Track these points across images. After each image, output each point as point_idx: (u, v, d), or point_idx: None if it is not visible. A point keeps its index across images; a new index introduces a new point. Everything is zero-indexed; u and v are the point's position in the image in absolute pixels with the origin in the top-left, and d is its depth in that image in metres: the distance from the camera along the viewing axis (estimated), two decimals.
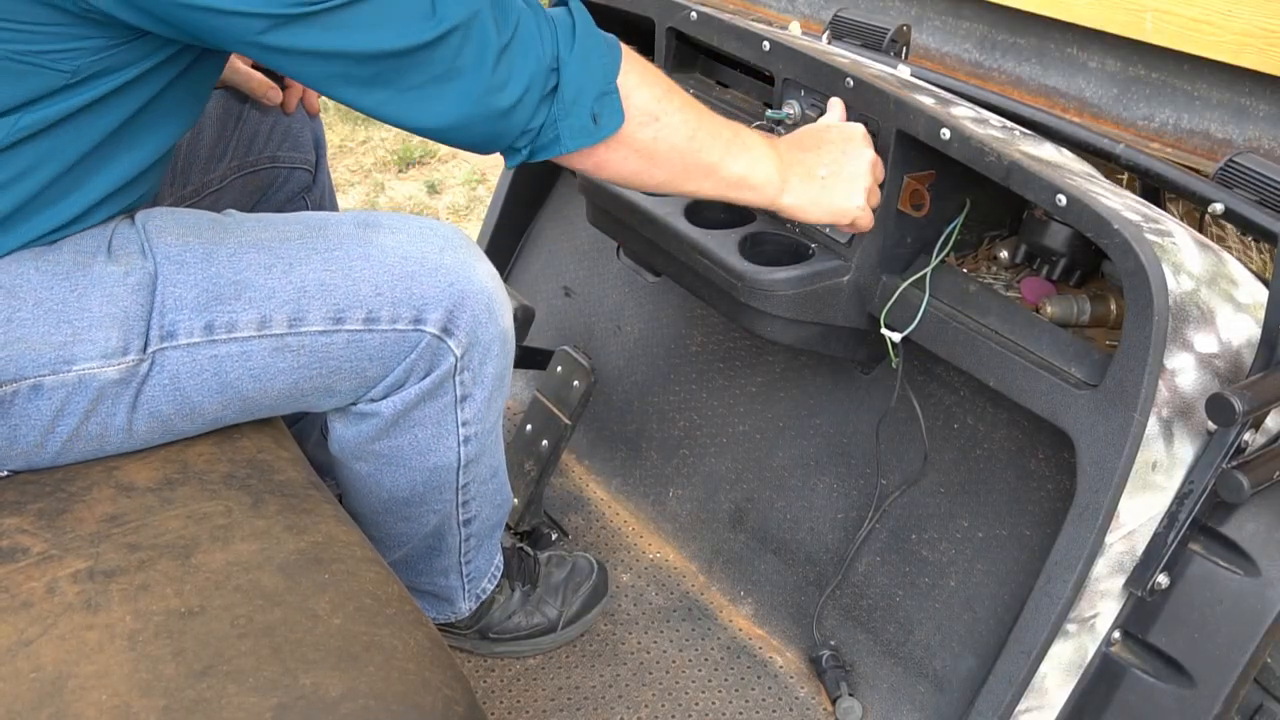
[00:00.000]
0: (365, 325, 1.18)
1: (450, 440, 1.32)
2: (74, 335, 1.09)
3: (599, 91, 1.14)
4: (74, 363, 1.09)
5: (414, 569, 1.49)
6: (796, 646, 1.68)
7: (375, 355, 1.20)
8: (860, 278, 1.51)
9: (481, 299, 1.23)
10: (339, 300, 1.17)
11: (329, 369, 1.20)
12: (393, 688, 0.94)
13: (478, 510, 1.44)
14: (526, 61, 1.09)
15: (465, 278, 1.22)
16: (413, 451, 1.31)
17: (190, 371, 1.14)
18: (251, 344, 1.15)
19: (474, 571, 1.52)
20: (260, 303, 1.15)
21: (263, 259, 1.16)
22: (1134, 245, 1.23)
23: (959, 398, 1.60)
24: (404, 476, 1.34)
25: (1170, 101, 2.40)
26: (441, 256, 1.21)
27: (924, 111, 1.40)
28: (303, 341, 1.17)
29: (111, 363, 1.10)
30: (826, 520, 1.72)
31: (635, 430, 1.97)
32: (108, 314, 1.10)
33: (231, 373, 1.16)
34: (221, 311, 1.14)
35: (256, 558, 1.04)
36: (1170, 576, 1.33)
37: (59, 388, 1.09)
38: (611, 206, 1.68)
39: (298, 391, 1.21)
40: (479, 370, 1.28)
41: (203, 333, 1.13)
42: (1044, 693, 1.37)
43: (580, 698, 1.59)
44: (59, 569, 1.01)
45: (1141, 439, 1.26)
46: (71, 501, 1.09)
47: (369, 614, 1.00)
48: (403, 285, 1.19)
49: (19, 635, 0.94)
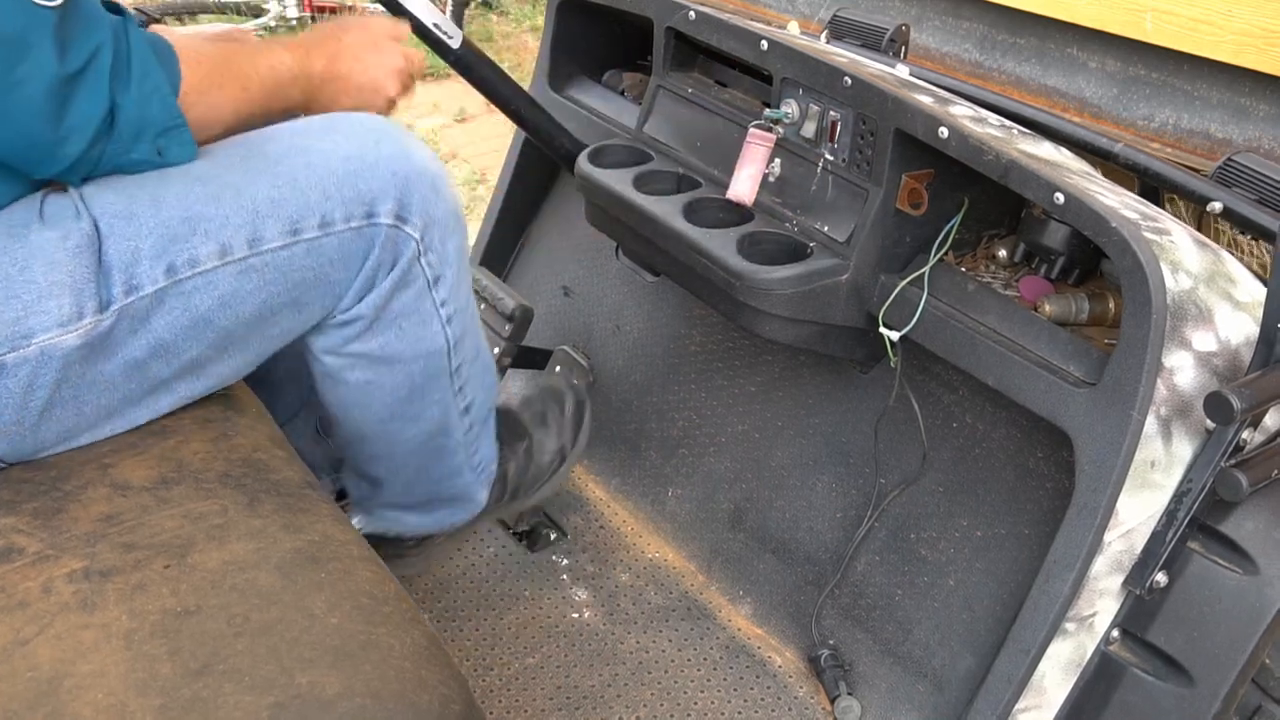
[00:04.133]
0: (321, 230, 1.20)
1: (435, 324, 1.35)
2: (25, 309, 1.08)
3: (161, 128, 1.13)
4: (32, 336, 1.08)
5: (429, 477, 1.51)
6: (795, 646, 1.68)
7: (336, 258, 1.23)
8: (858, 276, 1.51)
9: (426, 179, 1.27)
10: (291, 212, 1.19)
11: (294, 281, 1.21)
12: (389, 686, 0.93)
13: (473, 395, 1.47)
14: (83, 99, 1.05)
15: (406, 164, 1.25)
16: (402, 344, 1.34)
17: (160, 315, 1.14)
18: (216, 274, 1.16)
19: (481, 461, 1.56)
20: (216, 232, 1.16)
21: (210, 190, 1.17)
22: (1132, 243, 1.23)
23: (958, 396, 1.60)
24: (401, 372, 1.36)
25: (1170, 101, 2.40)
26: (380, 149, 1.24)
27: (922, 110, 1.40)
28: (265, 260, 1.18)
29: (70, 330, 1.10)
30: (825, 520, 1.71)
31: (634, 430, 1.97)
32: (54, 281, 1.09)
33: (201, 306, 1.16)
34: (180, 251, 1.14)
35: (253, 557, 1.03)
36: (1169, 575, 1.33)
37: (22, 364, 1.09)
38: (610, 206, 1.68)
39: (268, 311, 1.22)
40: (442, 249, 1.31)
41: (166, 276, 1.14)
42: (1043, 691, 1.36)
43: (579, 697, 1.59)
44: (55, 569, 1.00)
45: (1140, 437, 1.26)
46: (67, 501, 1.09)
47: (365, 613, 1.00)
48: (349, 184, 1.21)
49: (15, 635, 0.93)
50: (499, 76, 1.71)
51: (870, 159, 1.48)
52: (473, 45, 1.65)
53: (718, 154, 1.70)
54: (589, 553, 1.84)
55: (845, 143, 1.51)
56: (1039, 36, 2.64)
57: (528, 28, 5.49)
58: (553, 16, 2.01)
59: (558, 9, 2.00)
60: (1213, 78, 2.30)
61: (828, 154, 1.54)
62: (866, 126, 1.48)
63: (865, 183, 1.49)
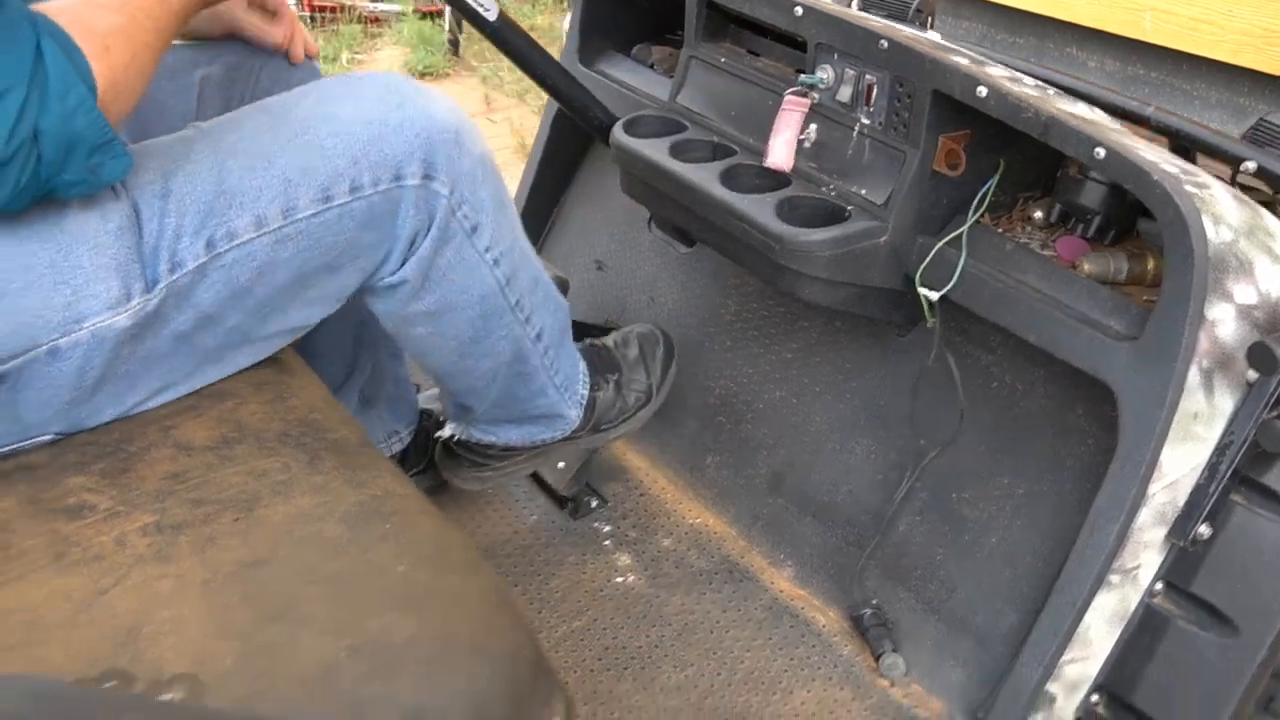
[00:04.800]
0: (351, 195, 1.22)
1: (482, 270, 1.38)
2: (75, 294, 1.10)
3: (92, 146, 1.05)
4: (83, 320, 1.10)
5: (515, 399, 1.58)
6: (838, 606, 1.70)
7: (367, 220, 1.25)
8: (896, 238, 1.52)
9: (448, 135, 1.28)
10: (322, 180, 1.21)
11: (327, 246, 1.24)
12: (459, 630, 0.95)
13: (540, 321, 1.51)
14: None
15: (428, 123, 1.26)
16: (455, 294, 1.37)
17: (204, 288, 1.17)
18: (253, 244, 1.18)
19: (565, 380, 1.61)
20: (250, 204, 1.18)
21: (240, 162, 1.19)
22: (1174, 196, 1.24)
23: (995, 357, 1.61)
24: (460, 319, 1.40)
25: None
26: (402, 111, 1.25)
27: (960, 70, 1.41)
28: (299, 228, 1.21)
29: (120, 311, 1.12)
30: (865, 482, 1.73)
31: (671, 399, 1.98)
32: (100, 264, 1.11)
33: (241, 277, 1.19)
34: (218, 225, 1.16)
35: (318, 510, 1.06)
36: (1212, 527, 1.34)
37: (75, 347, 1.11)
38: (646, 175, 1.70)
39: (304, 277, 1.24)
40: (475, 199, 1.33)
41: (206, 250, 1.16)
42: (1089, 643, 1.38)
43: (627, 657, 1.61)
44: (127, 524, 1.03)
45: (1183, 389, 1.27)
46: (133, 461, 1.11)
47: (432, 562, 1.02)
48: (375, 149, 1.23)
49: (94, 585, 0.96)
50: (535, 49, 1.73)
51: (907, 121, 1.49)
52: (509, 18, 1.67)
53: (752, 122, 1.71)
54: (630, 519, 1.86)
55: (881, 106, 1.52)
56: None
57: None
58: None
59: None
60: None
61: (864, 118, 1.55)
62: (904, 89, 1.49)
63: (902, 145, 1.51)
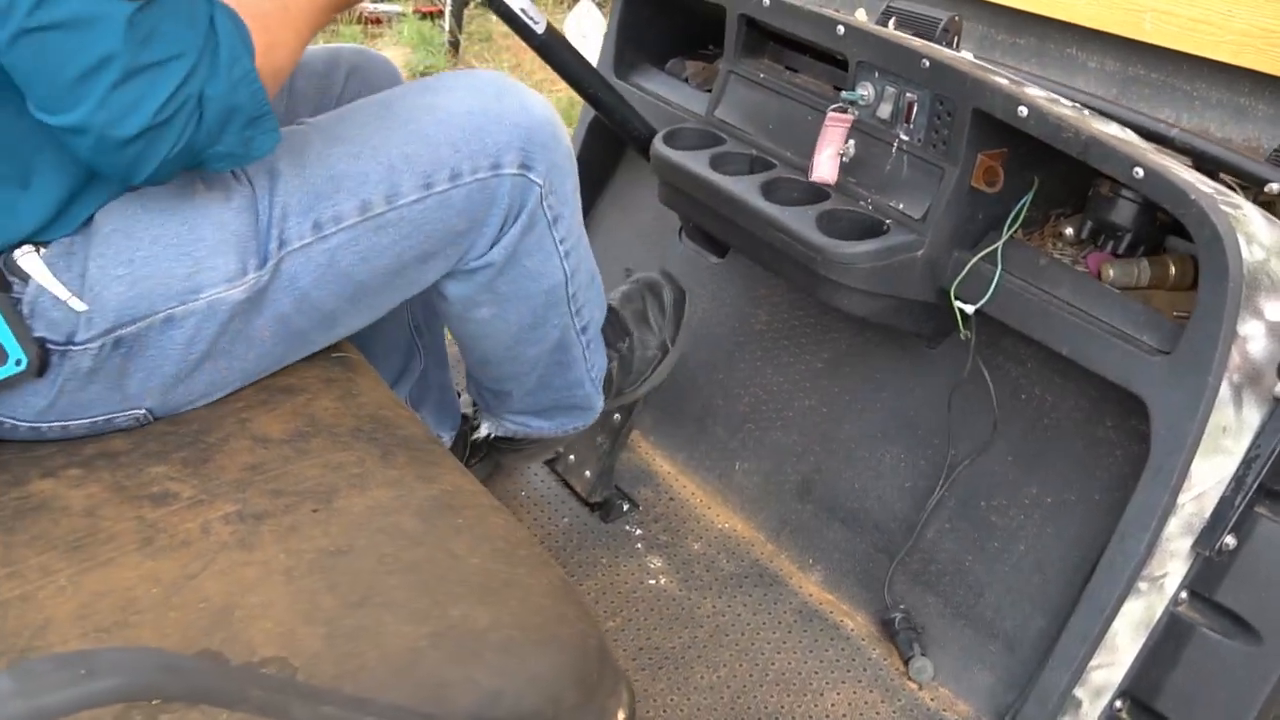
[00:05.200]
0: (451, 183, 1.27)
1: (554, 260, 1.43)
2: (196, 266, 1.15)
3: (249, 117, 1.09)
4: (201, 291, 1.15)
5: (550, 388, 1.61)
6: (867, 611, 1.74)
7: (464, 209, 1.29)
8: (933, 252, 1.56)
9: (546, 128, 1.34)
10: (425, 167, 1.26)
11: (425, 234, 1.28)
12: (532, 620, 0.99)
13: (589, 315, 1.56)
14: (157, 90, 1.00)
15: (526, 115, 1.32)
16: (527, 280, 1.42)
17: (307, 269, 1.21)
18: (356, 228, 1.23)
19: (596, 371, 1.65)
20: (356, 189, 1.22)
21: (348, 149, 1.23)
22: (1210, 215, 1.29)
23: (1026, 370, 1.65)
24: (525, 305, 1.45)
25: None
26: (501, 103, 1.31)
27: (1001, 90, 1.45)
28: (401, 214, 1.25)
29: (235, 285, 1.17)
30: (894, 489, 1.77)
31: (700, 407, 2.03)
32: (221, 240, 1.16)
33: (343, 261, 1.23)
34: (325, 208, 1.21)
35: (394, 503, 1.09)
36: (1237, 538, 1.37)
37: (189, 316, 1.15)
38: (686, 186, 1.74)
39: (400, 264, 1.29)
40: (561, 190, 1.39)
41: (312, 231, 1.21)
42: (1115, 649, 1.42)
43: (661, 658, 1.65)
44: (210, 511, 1.06)
45: (1214, 403, 1.31)
46: (212, 451, 1.15)
47: (504, 555, 1.06)
48: (476, 138, 1.28)
49: (183, 570, 0.99)
50: (580, 62, 1.77)
51: (947, 139, 1.54)
52: (556, 31, 1.71)
53: (790, 137, 1.75)
54: (661, 523, 1.89)
55: (921, 123, 1.57)
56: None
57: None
58: (620, 5, 2.07)
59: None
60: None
61: (903, 134, 1.60)
62: (944, 106, 1.53)
63: (941, 161, 1.55)
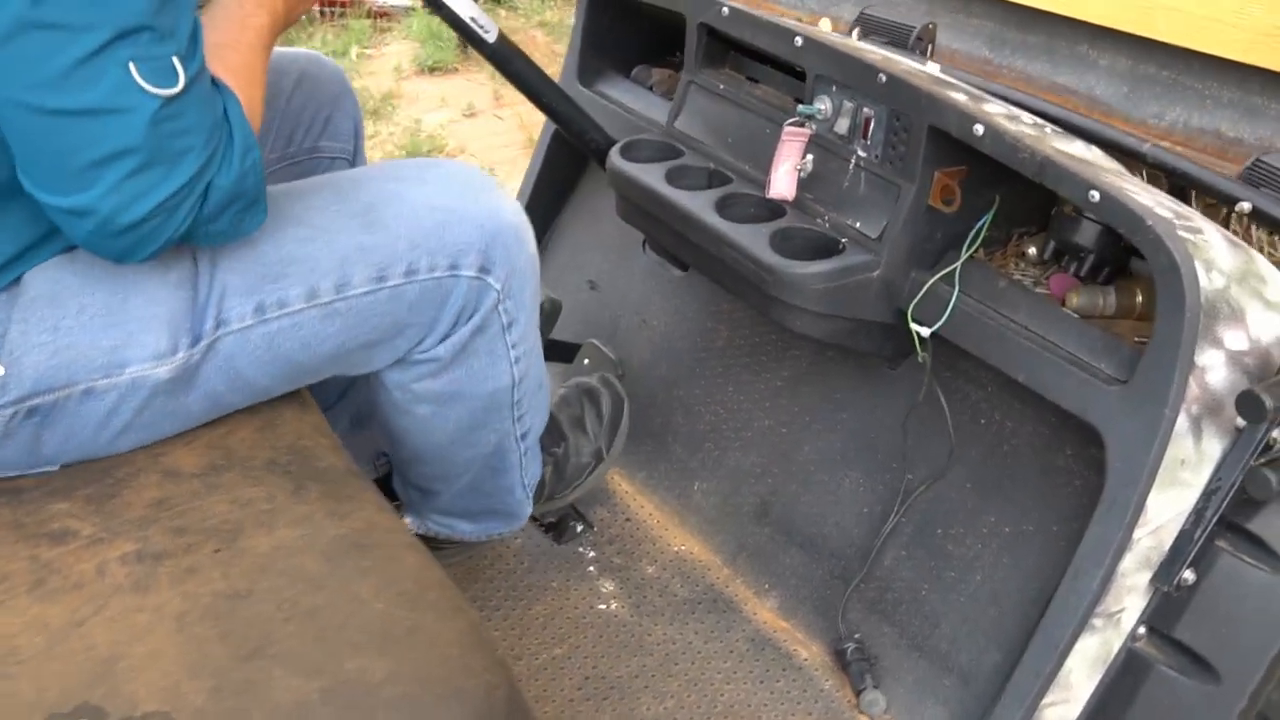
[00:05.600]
0: (406, 278, 1.23)
1: (504, 364, 1.39)
2: (123, 339, 1.10)
3: (249, 201, 1.09)
4: (126, 366, 1.11)
5: (481, 492, 1.55)
6: (821, 639, 1.69)
7: (414, 304, 1.26)
8: (889, 272, 1.52)
9: (511, 232, 1.30)
10: (379, 260, 1.21)
11: (373, 325, 1.24)
12: (435, 672, 0.95)
13: (530, 422, 1.51)
14: (171, 181, 1.00)
15: (494, 219, 1.28)
16: (471, 382, 1.37)
17: (244, 351, 1.17)
18: (301, 315, 1.19)
19: (530, 477, 1.60)
20: (306, 275, 1.18)
21: (302, 232, 1.19)
22: (1166, 241, 1.24)
23: (986, 394, 1.61)
24: (466, 406, 1.40)
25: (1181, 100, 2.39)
26: (467, 202, 1.27)
27: (957, 107, 1.41)
28: (350, 304, 1.21)
29: (163, 363, 1.12)
30: (852, 514, 1.73)
31: (660, 424, 1.99)
32: (153, 315, 1.11)
33: (284, 345, 1.19)
34: (271, 291, 1.17)
35: (300, 543, 1.05)
36: (1197, 573, 1.34)
37: (111, 390, 1.11)
38: (641, 200, 1.70)
39: (343, 351, 1.25)
40: (519, 296, 1.35)
41: (255, 315, 1.16)
42: (1069, 687, 1.37)
43: (606, 687, 1.61)
44: (108, 551, 1.02)
45: (1171, 435, 1.27)
46: (119, 487, 1.11)
47: (410, 599, 1.02)
48: (436, 236, 1.24)
49: (72, 615, 0.95)
50: (533, 70, 1.72)
51: (904, 155, 1.49)
52: (507, 39, 1.67)
53: (749, 150, 1.71)
54: (615, 545, 1.85)
55: (878, 139, 1.52)
56: (1048, 34, 2.63)
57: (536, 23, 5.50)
58: (584, 11, 2.03)
59: (589, 4, 2.01)
60: (1224, 76, 2.29)
61: (860, 150, 1.55)
62: (900, 123, 1.49)
63: (898, 179, 1.50)
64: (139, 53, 0.95)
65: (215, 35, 1.14)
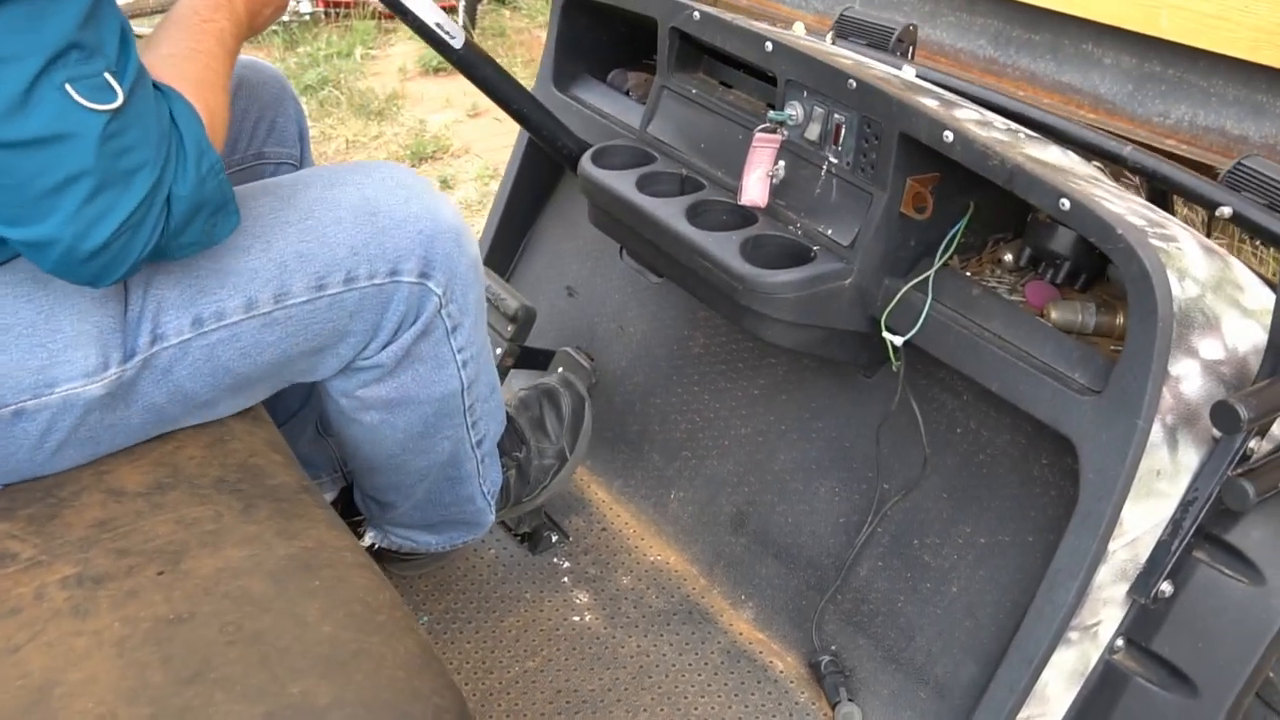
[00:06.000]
0: (346, 286, 1.21)
1: (450, 369, 1.36)
2: (50, 358, 1.08)
3: (215, 207, 1.07)
4: (55, 385, 1.08)
5: (439, 503, 1.53)
6: (796, 651, 1.67)
7: (355, 311, 1.23)
8: (862, 280, 1.49)
9: (449, 236, 1.27)
10: (318, 268, 1.19)
11: (314, 333, 1.22)
12: (381, 696, 0.93)
13: (485, 429, 1.49)
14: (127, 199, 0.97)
15: (432, 222, 1.25)
16: (418, 387, 1.35)
17: (182, 363, 1.15)
18: (240, 326, 1.17)
19: (489, 485, 1.57)
20: (244, 286, 1.16)
21: (240, 241, 1.16)
22: (1138, 250, 1.22)
23: (961, 402, 1.58)
24: (415, 412, 1.38)
25: (1186, 98, 2.38)
26: (408, 206, 1.24)
27: (926, 114, 1.38)
28: (289, 313, 1.19)
29: (94, 380, 1.10)
30: (828, 524, 1.70)
31: (637, 432, 1.96)
32: (81, 332, 1.09)
33: (223, 356, 1.17)
34: (208, 303, 1.14)
35: (246, 564, 1.03)
36: (1174, 584, 1.32)
37: (42, 410, 1.08)
38: (612, 207, 1.67)
39: (285, 360, 1.23)
40: (462, 300, 1.32)
41: (192, 328, 1.14)
42: (1046, 700, 1.35)
43: (579, 701, 1.58)
44: (48, 574, 1.00)
45: (1145, 446, 1.25)
46: (61, 507, 1.09)
47: (359, 621, 0.99)
48: (375, 242, 1.22)
49: (7, 641, 0.93)
50: (501, 76, 1.70)
51: (875, 162, 1.47)
52: (475, 45, 1.64)
53: (722, 156, 1.68)
54: (590, 555, 1.83)
55: (850, 146, 1.50)
56: (1054, 32, 2.62)
57: (540, 23, 5.47)
58: (558, 15, 2.00)
59: (563, 8, 1.99)
60: (1229, 74, 2.28)
61: (832, 157, 1.53)
62: (871, 130, 1.46)
63: (869, 186, 1.48)
64: (72, 73, 0.92)
65: (167, 46, 1.13)
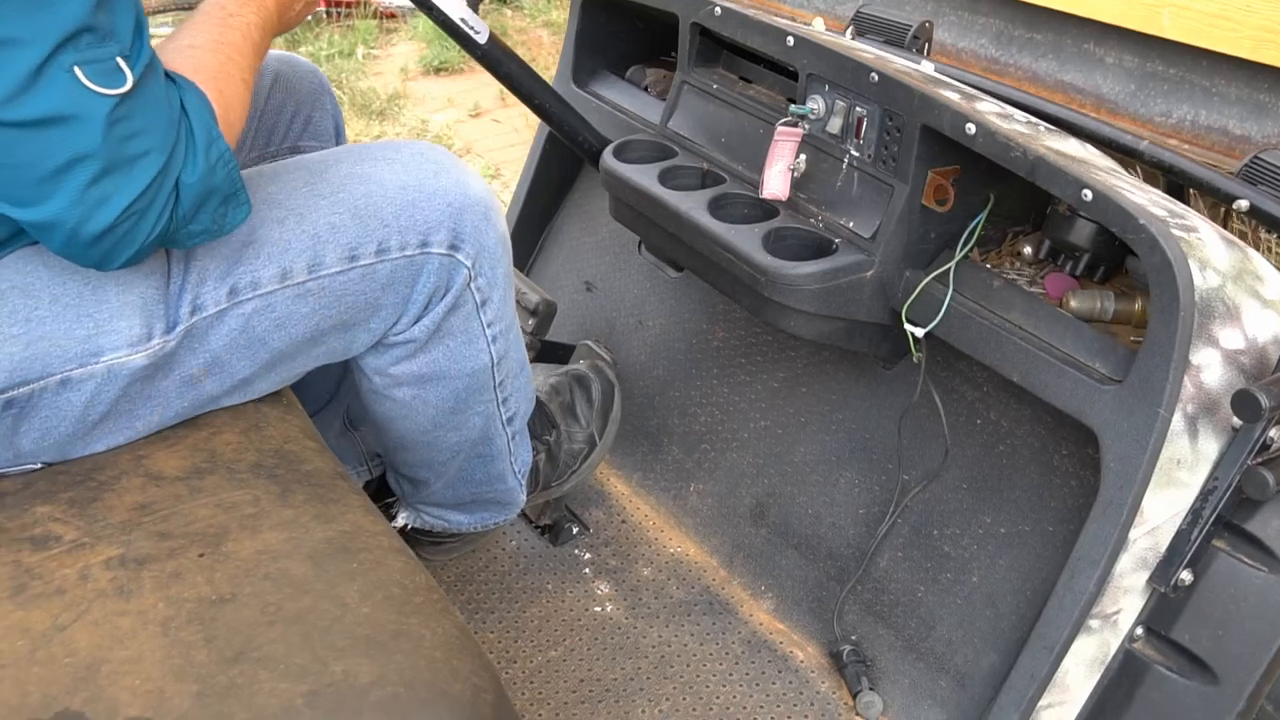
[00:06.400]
0: (377, 257, 1.24)
1: (481, 343, 1.39)
2: (97, 328, 1.10)
3: (225, 196, 1.08)
4: (101, 354, 1.11)
5: (471, 480, 1.55)
6: (817, 641, 1.68)
7: (387, 283, 1.26)
8: (884, 272, 1.51)
9: (479, 209, 1.30)
10: (350, 239, 1.22)
11: (346, 305, 1.24)
12: (421, 675, 0.94)
13: (515, 406, 1.51)
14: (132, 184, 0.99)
15: (461, 195, 1.28)
16: (449, 362, 1.37)
17: (219, 334, 1.17)
18: (274, 296, 1.19)
19: (520, 464, 1.59)
20: (278, 256, 1.19)
21: (273, 213, 1.19)
22: (1160, 240, 1.23)
23: (982, 393, 1.59)
24: (446, 388, 1.40)
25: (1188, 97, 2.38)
26: (437, 180, 1.27)
27: (949, 106, 1.40)
28: (322, 284, 1.22)
29: (139, 350, 1.12)
30: (848, 515, 1.72)
31: (656, 425, 1.98)
32: (126, 303, 1.11)
33: (258, 327, 1.19)
34: (243, 273, 1.17)
35: (285, 546, 1.04)
36: (1194, 573, 1.33)
37: (87, 379, 1.11)
38: (634, 201, 1.69)
39: (319, 333, 1.25)
40: (491, 274, 1.35)
41: (228, 297, 1.17)
42: (1066, 688, 1.36)
43: (601, 690, 1.60)
44: (91, 556, 1.01)
45: (1166, 435, 1.26)
46: (102, 490, 1.10)
47: (397, 603, 1.01)
48: (406, 214, 1.25)
49: (53, 620, 0.95)
50: (525, 71, 1.71)
51: (896, 155, 1.48)
52: (499, 40, 1.66)
53: (742, 150, 1.70)
54: (611, 547, 1.84)
55: (871, 139, 1.51)
56: (1056, 32, 2.62)
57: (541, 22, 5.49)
58: (577, 12, 2.02)
59: (582, 5, 2.01)
60: (1231, 73, 2.28)
61: (853, 150, 1.54)
62: (893, 123, 1.48)
63: (891, 179, 1.49)
64: (83, 56, 0.94)
65: (190, 37, 1.14)
